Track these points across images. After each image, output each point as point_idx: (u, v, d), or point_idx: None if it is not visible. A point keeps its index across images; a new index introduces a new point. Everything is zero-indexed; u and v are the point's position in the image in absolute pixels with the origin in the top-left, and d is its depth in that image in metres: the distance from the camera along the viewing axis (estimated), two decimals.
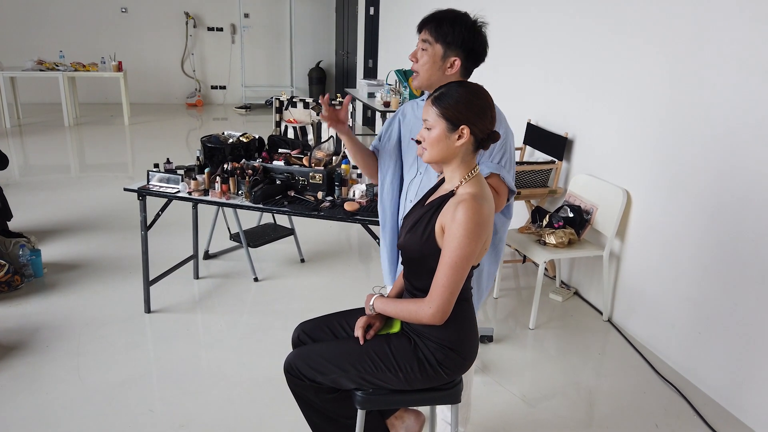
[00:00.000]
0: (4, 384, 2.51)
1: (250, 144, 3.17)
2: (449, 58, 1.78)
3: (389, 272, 2.07)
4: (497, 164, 1.81)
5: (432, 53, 1.78)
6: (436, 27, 1.77)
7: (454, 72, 1.80)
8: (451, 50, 1.77)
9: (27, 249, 3.41)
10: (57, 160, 6.46)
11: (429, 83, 1.81)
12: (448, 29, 1.76)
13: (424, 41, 1.79)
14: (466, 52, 1.78)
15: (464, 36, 1.76)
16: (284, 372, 1.67)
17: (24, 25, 8.87)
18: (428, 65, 1.79)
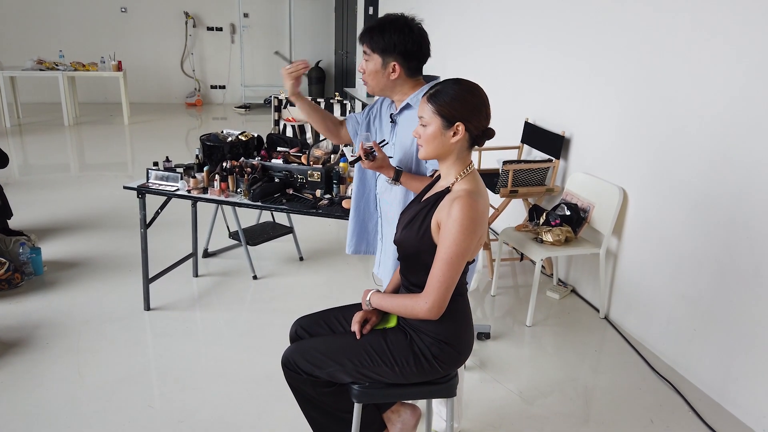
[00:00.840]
0: (3, 380, 2.53)
1: (248, 142, 3.19)
2: (388, 64, 1.86)
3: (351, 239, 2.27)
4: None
5: (373, 64, 1.88)
6: (369, 39, 1.87)
7: (397, 75, 1.88)
8: (388, 57, 1.85)
9: (27, 247, 3.43)
10: (57, 159, 6.48)
11: (380, 90, 1.93)
12: (379, 38, 1.84)
13: (365, 53, 1.89)
14: (402, 54, 1.85)
15: (394, 41, 1.83)
16: (282, 366, 1.69)
17: (24, 25, 8.89)
18: (372, 75, 1.89)
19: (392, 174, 1.90)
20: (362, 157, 1.85)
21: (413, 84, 1.92)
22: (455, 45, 5.36)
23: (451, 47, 5.44)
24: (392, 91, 1.93)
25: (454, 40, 5.38)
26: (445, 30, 5.58)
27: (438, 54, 5.83)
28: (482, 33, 4.85)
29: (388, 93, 1.95)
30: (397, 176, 1.90)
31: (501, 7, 4.49)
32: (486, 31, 4.78)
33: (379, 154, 1.85)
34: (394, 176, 1.90)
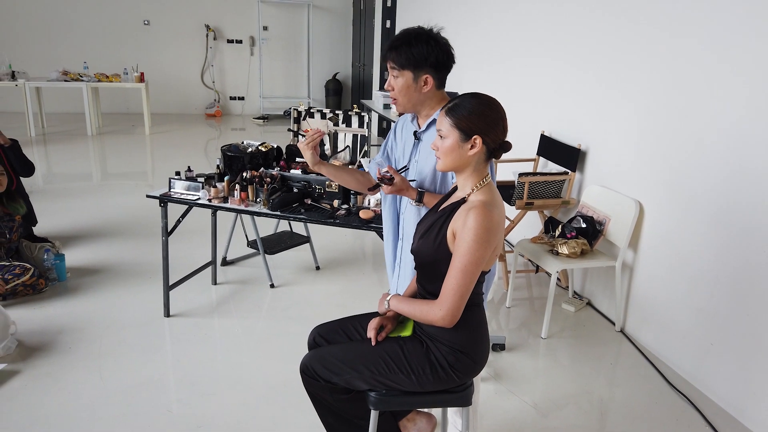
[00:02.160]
0: (27, 384, 2.60)
1: (268, 153, 3.25)
2: (420, 77, 1.86)
3: (392, 275, 2.15)
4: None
5: (404, 80, 1.86)
6: (397, 55, 1.85)
7: (429, 87, 1.88)
8: (420, 70, 1.85)
9: (52, 253, 3.51)
10: (79, 168, 6.63)
11: (411, 106, 1.91)
12: (408, 53, 1.83)
13: (393, 69, 1.88)
14: (434, 66, 1.86)
15: (424, 53, 1.84)
16: (300, 372, 1.73)
17: (49, 37, 9.12)
18: (404, 90, 1.88)
19: (415, 195, 1.90)
20: (380, 184, 1.86)
21: (440, 99, 1.93)
22: (471, 58, 5.41)
23: (467, 60, 5.48)
24: (422, 106, 1.92)
25: (470, 53, 5.43)
26: (461, 43, 5.63)
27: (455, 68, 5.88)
28: (498, 46, 4.89)
29: (418, 108, 1.93)
30: (420, 197, 1.90)
31: (517, 21, 4.53)
32: (502, 44, 4.82)
33: (396, 177, 1.86)
34: (417, 197, 1.90)
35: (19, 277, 3.27)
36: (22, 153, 3.90)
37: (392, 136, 2.13)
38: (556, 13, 3.97)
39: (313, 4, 9.95)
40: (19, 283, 3.26)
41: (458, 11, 5.73)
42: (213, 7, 9.63)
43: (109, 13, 9.25)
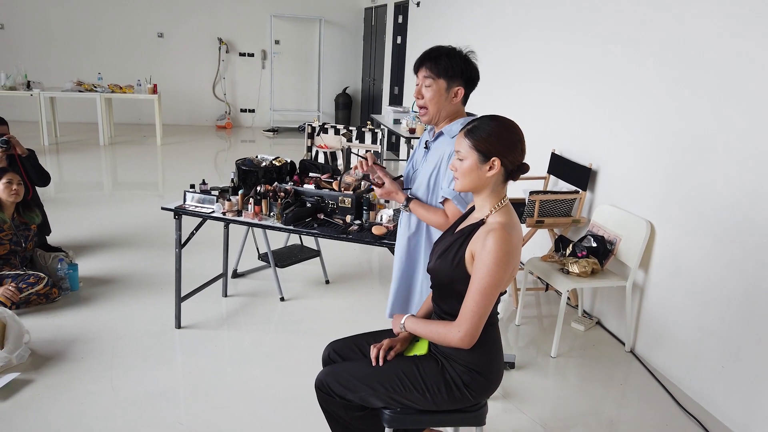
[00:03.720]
0: (40, 393, 2.62)
1: (282, 167, 3.28)
2: (453, 88, 1.96)
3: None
4: (452, 190, 1.95)
5: (437, 88, 1.96)
6: (435, 64, 1.95)
7: (458, 100, 1.98)
8: (454, 81, 1.96)
9: (65, 263, 3.55)
10: (91, 177, 6.69)
11: (438, 114, 2.00)
12: (447, 63, 1.94)
13: (427, 78, 1.96)
14: (466, 80, 1.98)
15: (462, 67, 1.96)
16: (315, 388, 1.74)
17: (65, 48, 9.26)
18: (435, 99, 1.97)
19: (403, 200, 2.01)
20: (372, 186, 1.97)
21: (460, 113, 2.03)
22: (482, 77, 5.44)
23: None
24: (445, 118, 2.01)
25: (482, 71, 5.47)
26: None
27: None
28: (510, 65, 4.93)
29: (443, 119, 2.01)
30: (407, 203, 2.00)
31: (529, 41, 4.58)
32: (514, 63, 4.86)
33: (386, 181, 1.97)
34: (405, 203, 2.01)
35: (33, 286, 3.30)
36: (38, 163, 3.95)
37: (415, 149, 2.25)
38: (568, 35, 4.01)
39: (324, 19, 10.06)
40: (33, 292, 3.29)
41: (471, 30, 5.79)
42: (226, 20, 9.76)
43: (124, 25, 9.38)
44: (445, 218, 1.97)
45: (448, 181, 1.94)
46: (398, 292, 2.20)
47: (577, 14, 3.89)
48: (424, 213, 1.99)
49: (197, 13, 9.61)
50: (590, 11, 3.75)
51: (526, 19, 4.62)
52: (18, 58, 8.78)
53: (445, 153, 1.99)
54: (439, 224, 1.98)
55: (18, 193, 3.39)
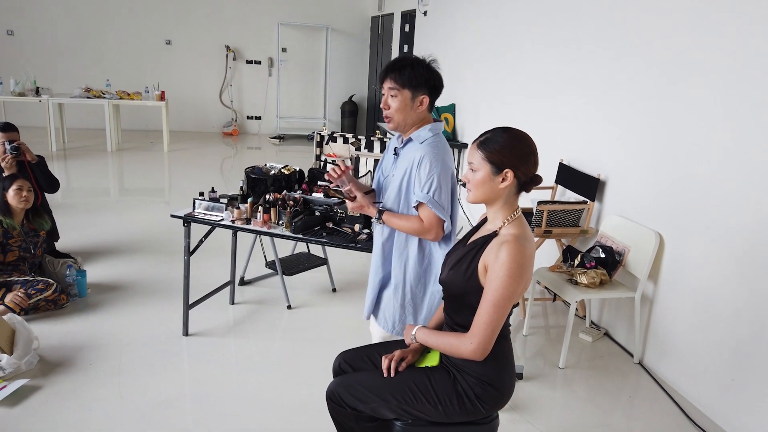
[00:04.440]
0: (48, 399, 2.62)
1: (291, 176, 3.29)
2: (418, 97, 2.02)
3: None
4: (426, 194, 1.99)
5: (402, 98, 2.02)
6: (399, 74, 2.01)
7: (423, 108, 2.04)
8: (419, 91, 2.02)
9: (74, 269, 3.56)
10: (98, 183, 6.72)
11: (404, 123, 2.06)
12: (411, 74, 2.00)
13: (392, 89, 2.02)
14: (430, 89, 2.04)
15: (426, 76, 2.02)
16: (326, 399, 1.74)
17: (75, 55, 9.32)
18: (401, 108, 2.03)
19: (375, 213, 2.07)
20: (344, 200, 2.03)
21: (425, 120, 2.09)
22: (490, 86, 5.47)
23: (486, 88, 5.55)
24: (412, 126, 2.08)
25: (489, 80, 5.49)
26: (479, 69, 5.70)
27: (472, 95, 5.95)
28: (517, 74, 4.94)
29: (409, 127, 2.08)
30: (379, 215, 2.06)
31: (537, 51, 4.59)
32: (521, 72, 4.87)
33: (358, 196, 2.03)
34: (377, 215, 2.07)
35: (42, 293, 3.31)
36: (48, 169, 3.98)
37: (384, 154, 2.32)
38: (576, 45, 4.02)
39: (331, 28, 10.11)
40: (41, 299, 3.30)
41: (478, 39, 5.81)
42: (234, 28, 9.82)
43: (132, 32, 9.44)
44: (421, 224, 2.02)
45: (421, 186, 2.00)
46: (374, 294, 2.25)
47: (586, 25, 3.91)
48: (398, 222, 2.06)
49: (205, 20, 9.67)
50: (599, 22, 3.76)
51: (534, 30, 4.64)
52: (27, 64, 8.84)
53: (415, 158, 2.03)
54: (415, 231, 2.04)
55: (28, 200, 3.40)
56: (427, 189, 1.99)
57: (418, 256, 2.11)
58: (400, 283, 2.14)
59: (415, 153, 2.04)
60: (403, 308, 2.15)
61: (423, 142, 2.05)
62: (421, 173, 1.99)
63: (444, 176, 2.02)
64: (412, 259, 2.12)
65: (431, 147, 2.03)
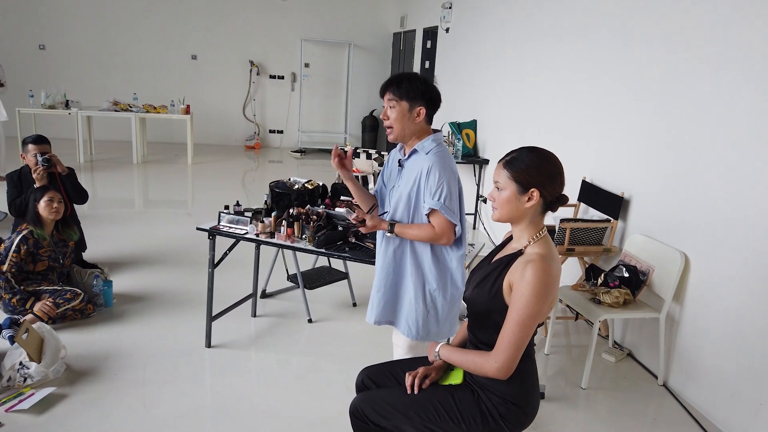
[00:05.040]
0: (74, 408, 2.66)
1: (314, 191, 3.33)
2: (415, 108, 2.15)
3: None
4: (437, 200, 2.09)
5: (400, 109, 2.15)
6: (397, 87, 2.15)
7: (421, 119, 2.16)
8: (416, 102, 2.15)
9: (100, 280, 3.63)
10: (123, 194, 6.85)
11: (403, 134, 2.19)
12: (408, 87, 2.13)
13: (391, 100, 2.16)
14: (427, 101, 2.16)
15: (422, 89, 2.15)
16: (350, 414, 1.75)
17: (103, 69, 9.55)
18: (399, 119, 2.16)
19: (387, 227, 2.16)
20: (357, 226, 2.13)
21: (425, 132, 2.20)
22: (512, 102, 5.47)
23: (508, 104, 5.55)
24: (411, 136, 2.19)
25: (511, 97, 5.50)
26: (501, 86, 5.71)
27: (494, 111, 5.96)
28: (540, 93, 4.95)
29: (408, 137, 2.20)
30: (391, 229, 2.15)
31: (560, 67, 4.59)
32: (544, 91, 4.88)
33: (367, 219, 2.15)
34: (389, 229, 2.16)
35: (70, 302, 3.38)
36: (77, 181, 4.07)
37: (385, 166, 2.42)
38: (599, 63, 4.02)
39: (354, 44, 10.22)
40: (69, 308, 3.37)
41: (501, 56, 5.83)
42: (258, 44, 9.99)
43: (159, 47, 9.66)
44: (433, 230, 2.12)
45: (431, 194, 2.10)
46: (387, 301, 2.32)
47: (609, 44, 3.90)
48: (411, 232, 2.16)
49: (230, 36, 9.85)
50: (622, 40, 3.76)
51: (557, 47, 4.65)
52: (58, 78, 9.08)
53: (423, 168, 2.14)
54: (428, 238, 2.14)
55: (58, 211, 3.48)
56: (438, 196, 2.10)
57: (432, 261, 2.21)
58: (420, 289, 2.23)
59: (423, 163, 2.15)
60: (426, 313, 2.23)
61: (429, 153, 2.17)
62: (431, 182, 2.11)
63: (452, 182, 2.14)
64: (427, 264, 2.22)
65: (438, 156, 2.15)
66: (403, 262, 2.27)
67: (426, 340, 2.22)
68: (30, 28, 9.25)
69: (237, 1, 9.74)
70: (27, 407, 2.59)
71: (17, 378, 2.77)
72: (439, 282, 2.23)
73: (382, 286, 2.31)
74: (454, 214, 2.13)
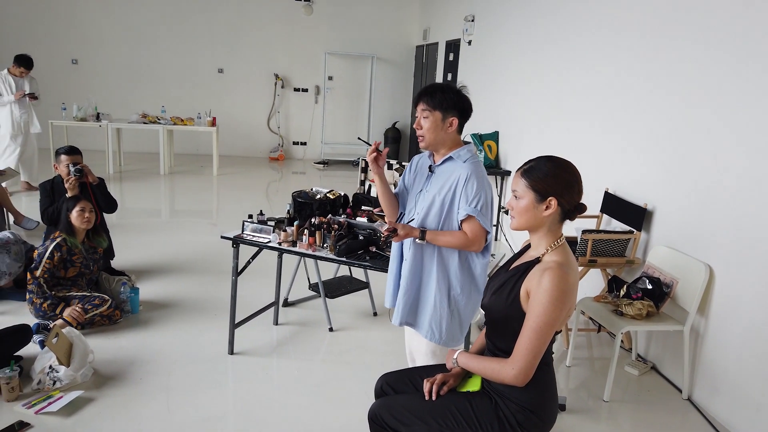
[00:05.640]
0: (101, 411, 2.73)
1: (336, 200, 3.38)
2: (448, 119, 2.20)
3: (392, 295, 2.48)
4: (474, 208, 2.14)
5: (433, 119, 2.20)
6: (431, 98, 2.20)
7: (453, 129, 2.21)
8: (448, 113, 2.20)
9: (128, 287, 3.71)
10: (150, 204, 7.01)
11: (435, 143, 2.24)
12: (442, 97, 2.19)
13: (424, 110, 2.21)
14: (460, 111, 2.21)
15: (455, 99, 2.20)
16: (368, 420, 1.77)
17: (132, 83, 9.82)
18: (432, 128, 2.21)
19: (418, 234, 2.19)
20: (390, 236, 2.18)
21: (458, 141, 2.26)
22: (534, 113, 5.48)
23: (530, 115, 5.55)
24: (442, 145, 2.24)
25: (533, 108, 5.50)
26: (523, 98, 5.72)
27: (515, 122, 5.97)
28: (562, 102, 4.94)
29: (439, 146, 2.25)
30: (422, 235, 2.18)
31: (583, 77, 4.59)
32: (566, 100, 4.88)
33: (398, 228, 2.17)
34: (420, 236, 2.19)
35: (98, 308, 3.47)
36: (107, 191, 4.19)
37: (408, 170, 2.47)
38: (621, 75, 4.01)
39: (377, 57, 10.33)
40: (97, 313, 3.46)
41: (522, 68, 5.84)
42: (283, 57, 10.16)
43: (187, 61, 9.90)
44: (466, 237, 2.17)
45: (468, 201, 2.15)
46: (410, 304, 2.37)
47: (631, 55, 3.90)
48: (443, 238, 2.19)
49: (255, 50, 10.05)
50: (645, 52, 3.75)
51: (580, 60, 4.65)
52: (89, 91, 9.34)
53: (460, 175, 2.20)
54: (461, 244, 2.18)
55: (90, 221, 3.59)
56: (474, 203, 2.14)
57: (459, 266, 2.25)
58: (445, 293, 2.26)
59: (460, 171, 2.21)
60: (450, 317, 2.27)
61: (466, 161, 2.22)
62: (469, 189, 2.16)
63: (488, 192, 2.20)
64: (453, 269, 2.26)
65: (475, 166, 2.21)
66: (430, 267, 2.31)
67: (448, 346, 2.24)
68: (63, 44, 9.56)
69: (262, 15, 9.94)
70: (56, 410, 2.66)
71: (47, 381, 2.85)
72: (464, 287, 2.27)
73: (408, 285, 2.35)
74: (489, 222, 2.20)
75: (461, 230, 2.20)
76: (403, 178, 2.49)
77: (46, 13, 9.42)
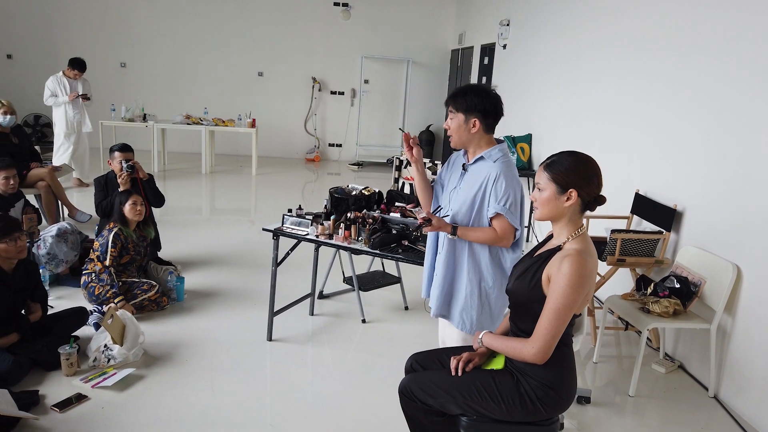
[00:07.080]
0: (151, 387, 2.95)
1: (370, 197, 3.54)
2: (470, 120, 2.31)
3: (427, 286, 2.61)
4: (503, 206, 2.25)
5: (457, 121, 2.33)
6: (454, 101, 2.35)
7: (477, 130, 2.33)
8: (470, 115, 2.31)
9: (174, 276, 3.95)
10: (192, 202, 7.31)
11: (462, 142, 2.37)
12: (462, 100, 2.32)
13: (450, 112, 2.36)
14: (482, 112, 2.30)
15: (475, 102, 2.30)
16: (399, 393, 1.91)
17: (177, 85, 10.23)
18: (456, 130, 2.35)
19: (450, 230, 2.30)
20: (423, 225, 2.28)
21: (489, 141, 2.37)
22: (565, 114, 5.53)
23: (563, 118, 5.61)
24: (471, 144, 2.37)
25: (564, 109, 5.56)
26: (556, 101, 5.78)
27: (548, 125, 6.03)
28: (594, 106, 5.00)
29: (467, 145, 2.38)
30: (454, 231, 2.29)
31: (612, 84, 4.64)
32: (597, 105, 4.93)
33: (433, 219, 2.27)
34: (452, 231, 2.30)
35: (146, 293, 3.70)
36: (156, 186, 4.45)
37: (446, 167, 2.60)
38: (652, 76, 4.06)
39: (412, 61, 10.49)
40: (145, 298, 3.70)
41: (555, 71, 5.91)
42: (320, 61, 10.42)
43: (229, 65, 10.25)
44: (495, 233, 2.28)
45: (497, 199, 2.25)
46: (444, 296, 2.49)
47: (662, 57, 3.94)
48: (473, 234, 2.31)
49: (294, 54, 10.33)
50: (676, 53, 3.79)
51: (612, 62, 4.70)
52: (137, 93, 9.77)
53: (490, 174, 2.30)
54: (490, 240, 2.29)
55: (141, 213, 3.85)
56: (503, 201, 2.25)
57: (490, 260, 2.37)
58: (476, 286, 2.38)
59: (490, 170, 2.32)
60: (480, 308, 2.39)
61: (496, 161, 2.32)
62: (498, 188, 2.26)
63: (517, 191, 2.30)
64: (484, 263, 2.37)
65: (505, 165, 2.31)
66: (462, 261, 2.43)
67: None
68: (113, 48, 10.03)
69: (301, 20, 10.22)
70: (110, 384, 2.89)
71: (102, 358, 3.08)
72: (495, 281, 2.39)
73: (442, 277, 2.48)
74: (517, 219, 2.30)
75: (491, 227, 2.32)
76: (440, 174, 2.63)
77: (97, 20, 9.90)
